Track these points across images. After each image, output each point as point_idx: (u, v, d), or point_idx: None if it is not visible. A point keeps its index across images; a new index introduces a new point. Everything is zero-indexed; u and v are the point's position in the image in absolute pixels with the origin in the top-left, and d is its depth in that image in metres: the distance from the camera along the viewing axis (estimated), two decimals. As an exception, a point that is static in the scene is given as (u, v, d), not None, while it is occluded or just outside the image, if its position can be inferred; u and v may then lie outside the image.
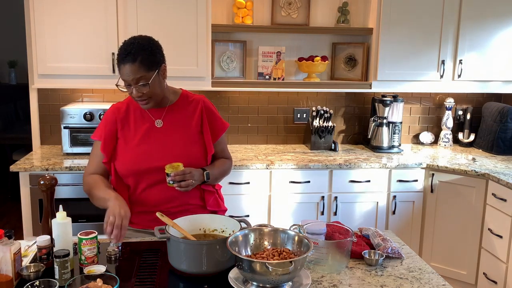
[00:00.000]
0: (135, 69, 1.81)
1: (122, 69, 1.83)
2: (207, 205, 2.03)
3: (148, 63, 1.84)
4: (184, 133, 1.98)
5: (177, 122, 1.98)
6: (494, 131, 3.59)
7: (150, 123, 1.97)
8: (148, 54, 1.84)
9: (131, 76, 1.82)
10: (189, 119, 2.00)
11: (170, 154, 1.93)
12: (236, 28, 3.48)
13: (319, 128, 3.58)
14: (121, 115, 1.98)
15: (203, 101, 2.04)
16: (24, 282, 1.45)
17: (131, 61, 1.80)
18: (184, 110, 2.01)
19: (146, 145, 1.95)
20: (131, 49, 1.81)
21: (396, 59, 3.45)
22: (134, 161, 1.93)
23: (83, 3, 3.11)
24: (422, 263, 1.77)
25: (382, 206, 3.32)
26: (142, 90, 1.85)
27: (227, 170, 2.12)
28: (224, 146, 2.14)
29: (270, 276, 1.41)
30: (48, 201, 1.71)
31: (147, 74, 1.84)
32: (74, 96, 3.57)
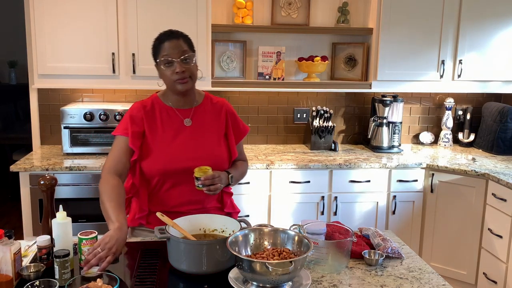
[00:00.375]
0: (180, 43, 1.88)
1: (166, 46, 1.88)
2: (224, 207, 2.04)
3: (190, 43, 1.93)
4: (211, 134, 1.99)
5: (205, 123, 1.99)
6: (494, 131, 3.59)
7: (179, 122, 1.97)
8: (188, 39, 1.94)
9: (176, 49, 1.87)
10: (215, 121, 2.01)
11: (198, 155, 1.93)
12: (236, 28, 3.48)
13: (319, 128, 3.58)
14: (148, 113, 1.95)
15: (226, 104, 2.08)
16: (24, 282, 1.45)
17: (176, 37, 1.89)
18: (210, 111, 2.02)
19: (176, 146, 1.93)
20: (174, 31, 1.92)
21: (396, 59, 3.45)
22: (165, 162, 1.91)
23: (83, 3, 3.11)
24: (422, 263, 1.77)
25: (382, 206, 3.32)
26: (185, 65, 1.88)
27: (245, 172, 2.14)
28: (242, 149, 2.17)
29: (270, 276, 1.41)
30: (48, 201, 1.71)
31: (189, 50, 1.90)
32: (74, 96, 3.57)
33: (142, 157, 1.93)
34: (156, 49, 1.91)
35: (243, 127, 2.10)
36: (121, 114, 3.22)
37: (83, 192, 3.05)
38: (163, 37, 1.90)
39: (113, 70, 3.20)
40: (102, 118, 3.21)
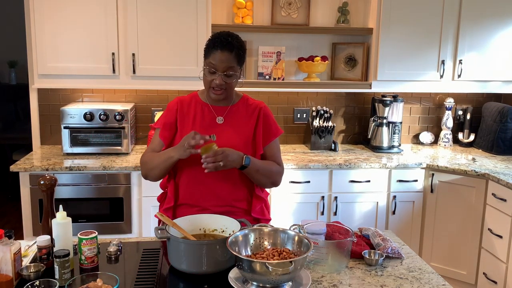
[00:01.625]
0: (230, 58, 1.87)
1: (216, 54, 1.87)
2: (252, 211, 2.02)
3: (241, 58, 1.92)
4: (240, 133, 2.00)
5: (236, 122, 2.01)
6: (494, 131, 3.59)
7: (212, 118, 2.00)
8: (243, 51, 1.93)
9: (224, 64, 1.87)
10: (246, 121, 2.02)
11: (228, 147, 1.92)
12: (236, 28, 3.47)
13: (319, 128, 3.58)
14: (184, 107, 2.02)
15: (263, 105, 2.08)
16: (24, 282, 1.45)
17: (229, 49, 1.87)
18: (244, 112, 2.03)
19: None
20: (232, 40, 1.89)
21: (396, 59, 3.45)
22: None
23: (83, 4, 3.11)
24: (422, 263, 1.77)
25: (382, 206, 3.32)
26: (226, 79, 1.89)
27: (274, 172, 2.04)
28: (276, 152, 2.10)
29: (270, 276, 1.41)
30: (48, 201, 1.71)
31: (236, 67, 1.90)
32: (74, 96, 3.57)
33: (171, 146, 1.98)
34: (207, 50, 1.91)
35: (275, 129, 2.08)
36: (121, 114, 3.22)
37: (83, 192, 3.05)
38: (218, 43, 1.87)
39: (113, 70, 3.20)
40: (102, 118, 3.21)
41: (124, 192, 3.06)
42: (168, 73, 3.25)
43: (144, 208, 3.09)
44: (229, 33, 1.93)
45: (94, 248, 1.63)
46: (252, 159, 1.93)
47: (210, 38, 1.93)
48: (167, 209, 2.01)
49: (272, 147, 2.09)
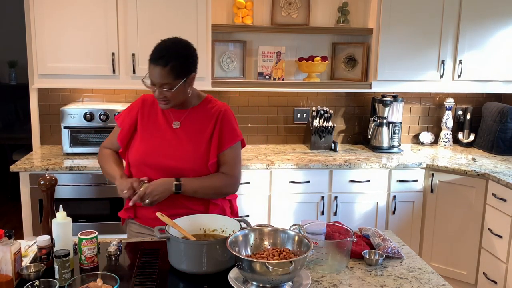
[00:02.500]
0: (164, 74, 1.82)
1: (152, 69, 1.85)
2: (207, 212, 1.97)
3: (178, 71, 1.84)
4: (195, 138, 1.96)
5: (193, 126, 1.98)
6: (494, 131, 3.59)
7: (169, 122, 1.99)
8: (180, 62, 1.85)
9: (158, 79, 1.84)
10: (204, 125, 1.98)
11: (176, 154, 1.93)
12: (236, 28, 3.48)
13: (319, 128, 3.58)
14: (145, 108, 2.02)
15: (224, 109, 2.01)
16: (24, 282, 1.45)
17: (162, 65, 1.81)
18: (203, 115, 1.99)
19: (157, 141, 1.96)
20: (166, 53, 1.82)
21: (396, 59, 3.45)
22: (142, 153, 1.95)
23: (83, 4, 3.11)
24: (422, 263, 1.77)
25: (382, 206, 3.32)
26: (164, 94, 1.87)
27: (219, 186, 1.96)
28: (230, 160, 1.98)
29: (270, 276, 1.41)
30: (48, 201, 1.71)
31: (173, 82, 1.85)
32: (74, 96, 3.57)
33: (128, 147, 2.02)
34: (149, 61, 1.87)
35: (232, 136, 1.98)
36: (121, 114, 3.22)
37: (83, 192, 3.04)
38: (153, 57, 1.84)
39: (113, 70, 3.20)
40: (102, 118, 3.21)
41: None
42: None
43: (144, 208, 3.09)
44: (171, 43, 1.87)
45: (94, 248, 1.63)
46: (185, 184, 1.87)
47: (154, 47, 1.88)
48: (127, 209, 2.03)
49: (226, 155, 1.97)
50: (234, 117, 2.06)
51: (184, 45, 1.92)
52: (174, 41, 1.91)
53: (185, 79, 1.88)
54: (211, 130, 1.97)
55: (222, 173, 1.98)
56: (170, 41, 1.90)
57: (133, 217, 2.04)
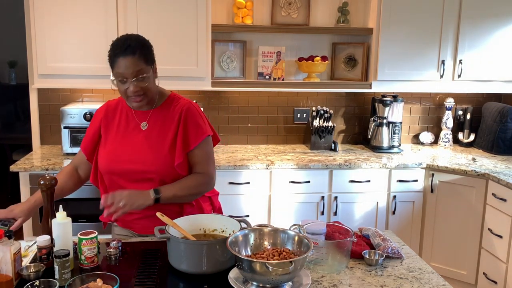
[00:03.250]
0: (135, 61, 1.79)
1: (120, 62, 1.79)
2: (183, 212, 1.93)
3: (147, 57, 1.84)
4: (164, 139, 1.90)
5: (160, 127, 1.92)
6: (494, 131, 3.59)
7: (135, 125, 1.94)
8: (146, 49, 1.85)
9: (131, 69, 1.79)
10: (168, 124, 1.91)
11: (139, 159, 1.88)
12: (236, 28, 3.48)
13: (319, 128, 3.58)
14: (109, 114, 1.99)
15: (186, 107, 1.92)
16: (24, 282, 1.45)
17: (131, 53, 1.78)
18: (167, 113, 1.93)
19: (121, 146, 1.92)
20: (130, 43, 1.80)
21: (396, 59, 3.45)
22: (110, 160, 1.92)
23: (83, 4, 3.11)
24: (422, 263, 1.77)
25: (382, 206, 3.32)
26: (140, 84, 1.82)
27: (194, 186, 1.91)
28: (200, 159, 1.93)
29: (270, 276, 1.41)
30: (48, 201, 1.71)
31: (146, 67, 1.82)
32: (74, 96, 3.57)
33: (94, 156, 1.99)
34: (110, 60, 1.82)
35: (198, 133, 1.90)
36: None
37: (83, 192, 3.03)
38: (117, 51, 1.79)
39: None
40: (102, 118, 3.21)
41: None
42: (168, 73, 3.24)
43: (144, 208, 3.09)
44: (127, 36, 1.85)
45: (94, 248, 1.63)
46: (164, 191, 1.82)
47: (111, 46, 1.83)
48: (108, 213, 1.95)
49: (196, 154, 1.91)
50: (200, 113, 1.96)
51: (139, 36, 1.89)
52: (128, 34, 1.88)
53: (152, 67, 1.88)
54: (175, 130, 1.90)
55: (196, 173, 1.93)
56: (125, 35, 1.86)
57: (113, 220, 2.00)
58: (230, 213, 2.77)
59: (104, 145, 1.97)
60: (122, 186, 1.91)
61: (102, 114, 2.00)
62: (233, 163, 3.13)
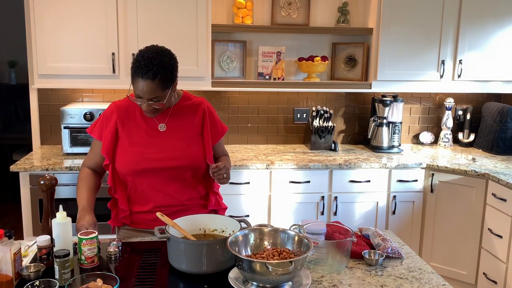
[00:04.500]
0: (153, 88, 1.78)
1: (139, 83, 1.78)
2: (208, 205, 2.04)
3: (166, 82, 1.82)
4: (185, 135, 1.97)
5: (179, 125, 1.98)
6: (494, 131, 3.59)
7: (153, 126, 1.96)
8: (167, 73, 1.81)
9: (147, 94, 1.79)
10: (190, 121, 1.99)
11: (171, 156, 1.93)
12: (236, 28, 3.48)
13: (319, 128, 3.58)
14: (122, 114, 1.96)
15: (205, 104, 2.05)
16: (24, 282, 1.45)
17: (151, 78, 1.77)
18: (186, 112, 2.00)
19: (148, 147, 1.93)
20: (153, 66, 1.77)
21: (396, 59, 3.45)
22: (135, 162, 1.92)
23: (83, 3, 3.11)
24: (422, 263, 1.78)
25: (382, 206, 3.32)
26: (153, 105, 1.84)
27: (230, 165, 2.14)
28: (222, 147, 2.16)
29: (270, 276, 1.41)
30: (48, 201, 1.71)
31: (162, 93, 1.83)
32: (74, 96, 3.57)
33: (115, 157, 1.95)
34: (132, 73, 1.81)
35: (221, 128, 2.08)
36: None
37: (83, 192, 3.04)
38: (140, 70, 1.77)
39: (113, 70, 3.20)
40: (102, 118, 3.21)
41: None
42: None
43: (144, 208, 3.09)
44: (152, 55, 1.78)
45: (94, 248, 1.63)
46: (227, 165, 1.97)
47: (134, 59, 1.81)
48: (124, 217, 1.99)
49: (220, 144, 2.12)
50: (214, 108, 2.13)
51: (167, 54, 1.85)
52: (156, 50, 1.82)
53: (171, 87, 1.87)
54: (199, 126, 2.00)
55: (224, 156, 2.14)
56: (152, 52, 1.81)
57: (128, 223, 2.01)
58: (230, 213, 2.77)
59: (125, 146, 1.94)
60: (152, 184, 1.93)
61: (115, 116, 1.95)
62: (233, 163, 3.13)
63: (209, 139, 2.00)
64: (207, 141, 1.99)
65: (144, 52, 1.81)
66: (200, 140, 1.99)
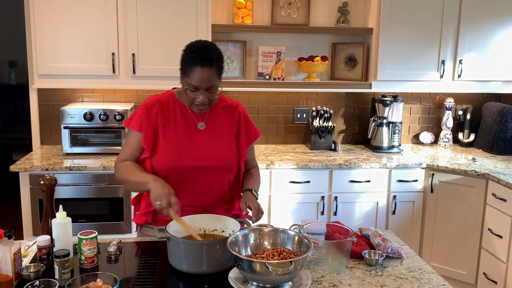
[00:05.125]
0: (211, 75, 1.79)
1: (197, 72, 1.77)
2: (232, 209, 2.02)
3: (220, 70, 1.84)
4: (222, 136, 1.97)
5: (217, 125, 1.97)
6: (494, 131, 3.59)
7: (193, 124, 1.95)
8: (221, 61, 1.84)
9: (206, 82, 1.78)
10: (227, 123, 1.99)
11: (207, 155, 1.91)
12: (236, 28, 3.48)
13: (319, 128, 3.58)
14: (163, 109, 1.93)
15: (241, 107, 2.04)
16: (24, 282, 1.45)
17: (209, 65, 1.77)
18: (223, 114, 1.99)
19: (187, 145, 1.92)
20: (211, 53, 1.78)
21: (396, 59, 3.45)
22: (174, 159, 1.89)
23: (83, 4, 3.11)
24: (422, 263, 1.77)
25: (382, 206, 3.32)
26: (210, 96, 1.83)
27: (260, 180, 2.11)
28: (253, 154, 2.14)
29: (270, 276, 1.41)
30: (48, 201, 1.71)
31: (218, 81, 1.83)
32: (74, 96, 3.57)
33: (153, 152, 1.92)
34: (185, 65, 1.80)
35: (254, 131, 2.07)
36: (121, 114, 3.22)
37: (83, 192, 3.04)
38: (197, 59, 1.77)
39: (113, 70, 3.20)
40: (102, 118, 3.21)
41: (124, 192, 3.06)
42: (168, 73, 3.25)
43: (144, 208, 3.08)
44: (205, 44, 1.82)
45: (94, 248, 1.63)
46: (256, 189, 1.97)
47: (186, 51, 1.82)
48: (147, 213, 1.96)
49: (251, 149, 2.10)
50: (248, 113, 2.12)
51: (214, 43, 1.88)
52: (205, 41, 1.86)
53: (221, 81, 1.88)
54: (235, 128, 2.00)
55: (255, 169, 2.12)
56: (204, 42, 1.85)
57: (150, 221, 1.97)
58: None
59: (164, 142, 1.92)
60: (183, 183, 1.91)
61: (156, 110, 1.92)
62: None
63: (244, 142, 2.00)
64: (242, 144, 2.00)
65: (195, 43, 1.84)
66: (235, 143, 2.00)
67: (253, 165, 2.14)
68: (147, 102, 1.95)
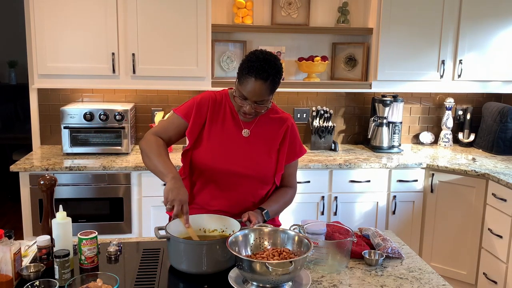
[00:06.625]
0: (263, 90, 1.76)
1: (250, 83, 1.75)
2: None
3: (274, 86, 1.80)
4: (265, 147, 1.93)
5: (262, 135, 1.94)
6: (494, 131, 3.59)
7: (238, 129, 1.93)
8: (278, 77, 1.80)
9: (255, 96, 1.76)
10: (273, 134, 1.95)
11: (245, 163, 1.90)
12: (236, 28, 3.48)
13: (319, 128, 3.58)
14: (215, 107, 1.92)
15: (291, 121, 2.00)
16: (24, 282, 1.45)
17: (264, 79, 1.74)
18: (271, 124, 1.96)
19: (228, 147, 1.90)
20: (269, 68, 1.75)
21: (396, 59, 3.45)
22: (212, 158, 1.88)
23: (83, 4, 3.11)
24: (422, 263, 1.77)
25: (382, 206, 3.32)
26: (257, 108, 1.81)
27: (288, 201, 2.02)
28: (293, 172, 2.05)
29: (270, 276, 1.41)
30: (48, 201, 1.71)
31: (268, 97, 1.81)
32: (74, 96, 3.57)
33: (194, 145, 1.91)
34: (241, 72, 1.78)
35: (299, 148, 2.01)
36: (121, 114, 3.22)
37: (83, 192, 3.05)
38: (253, 70, 1.73)
39: (113, 70, 3.20)
40: (102, 118, 3.21)
41: (124, 192, 3.06)
42: (168, 73, 3.25)
43: (144, 208, 3.09)
44: (267, 57, 1.76)
45: (94, 248, 1.63)
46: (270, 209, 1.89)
47: (247, 58, 1.78)
48: None
49: (291, 166, 2.02)
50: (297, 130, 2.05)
51: (278, 59, 1.82)
52: (269, 53, 1.80)
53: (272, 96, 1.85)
54: (279, 141, 1.95)
55: (287, 188, 2.03)
56: (266, 54, 1.79)
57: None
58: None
59: (207, 138, 1.90)
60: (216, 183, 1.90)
61: (208, 105, 1.91)
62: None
63: (284, 157, 1.95)
64: (282, 158, 1.94)
65: (258, 53, 1.78)
66: (276, 155, 1.95)
67: (291, 184, 2.04)
68: (202, 96, 1.93)
